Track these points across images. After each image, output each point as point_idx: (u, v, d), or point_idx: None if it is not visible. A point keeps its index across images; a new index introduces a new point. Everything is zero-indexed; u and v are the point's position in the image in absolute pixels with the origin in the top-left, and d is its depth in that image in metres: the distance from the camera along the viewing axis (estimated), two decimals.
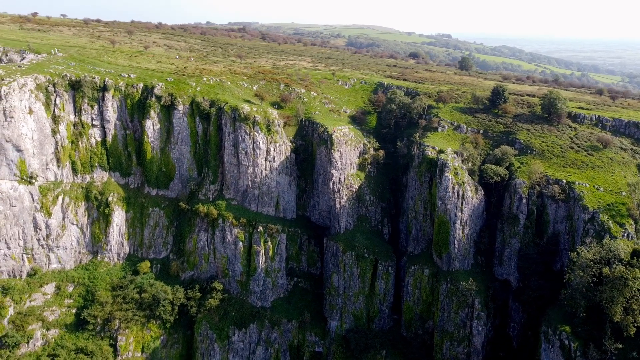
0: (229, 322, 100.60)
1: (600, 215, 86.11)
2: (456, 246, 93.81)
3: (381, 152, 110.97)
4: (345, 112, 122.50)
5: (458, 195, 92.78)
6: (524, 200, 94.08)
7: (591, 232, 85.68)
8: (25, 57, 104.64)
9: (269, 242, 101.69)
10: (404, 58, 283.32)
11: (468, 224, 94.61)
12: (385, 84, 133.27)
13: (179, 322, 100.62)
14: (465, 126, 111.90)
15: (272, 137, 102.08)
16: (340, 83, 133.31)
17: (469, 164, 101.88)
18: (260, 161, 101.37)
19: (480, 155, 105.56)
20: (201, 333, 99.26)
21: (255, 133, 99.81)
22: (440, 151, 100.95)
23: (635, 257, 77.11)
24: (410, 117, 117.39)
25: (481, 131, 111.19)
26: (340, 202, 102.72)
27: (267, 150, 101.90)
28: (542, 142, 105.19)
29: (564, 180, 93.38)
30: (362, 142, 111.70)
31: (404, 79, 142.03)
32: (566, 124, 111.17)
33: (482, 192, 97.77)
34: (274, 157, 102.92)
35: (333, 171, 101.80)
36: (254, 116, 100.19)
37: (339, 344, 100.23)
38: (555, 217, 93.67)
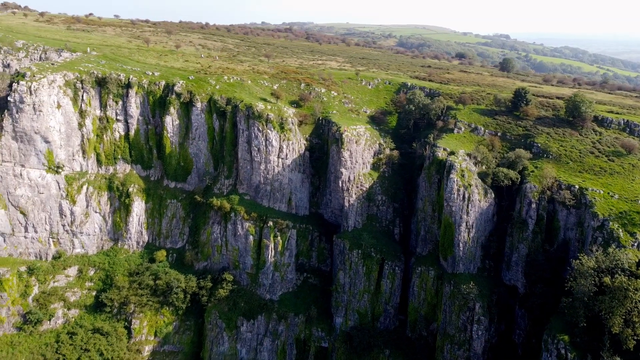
0: (237, 313, 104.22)
1: (610, 223, 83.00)
2: (461, 249, 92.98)
3: (395, 153, 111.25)
4: (365, 112, 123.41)
5: (464, 197, 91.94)
6: (533, 205, 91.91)
7: (599, 240, 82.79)
8: (61, 56, 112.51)
9: (279, 237, 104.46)
10: (448, 59, 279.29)
11: (474, 227, 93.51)
12: (409, 84, 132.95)
13: (191, 310, 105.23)
14: (482, 128, 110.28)
15: (285, 135, 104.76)
16: (363, 83, 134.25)
17: (483, 167, 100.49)
18: (272, 158, 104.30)
19: (496, 158, 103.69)
20: (211, 321, 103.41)
21: (268, 130, 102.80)
22: (452, 153, 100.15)
23: None
24: (429, 118, 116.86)
25: (499, 134, 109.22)
26: (349, 201, 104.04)
27: (279, 148, 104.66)
28: (561, 146, 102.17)
29: (577, 186, 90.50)
30: (377, 142, 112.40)
31: (430, 80, 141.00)
32: (591, 128, 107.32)
33: (493, 196, 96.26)
34: (287, 155, 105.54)
35: (342, 170, 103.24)
36: (267, 114, 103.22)
37: (343, 341, 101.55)
38: (566, 224, 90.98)
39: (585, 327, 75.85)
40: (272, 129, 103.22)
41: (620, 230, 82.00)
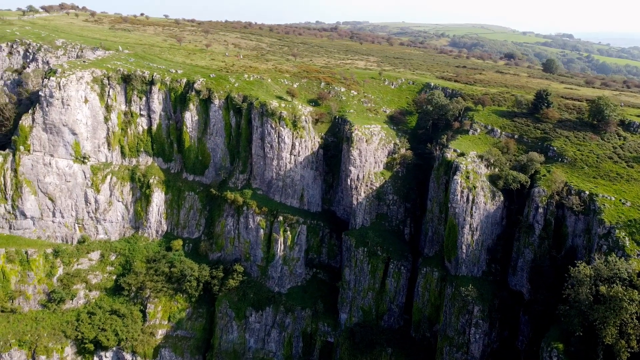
0: (247, 303, 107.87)
1: (617, 231, 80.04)
2: (464, 251, 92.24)
3: (409, 153, 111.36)
4: (385, 111, 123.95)
5: (467, 199, 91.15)
6: (540, 210, 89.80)
7: (604, 249, 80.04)
8: (95, 54, 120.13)
9: (288, 232, 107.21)
10: (495, 59, 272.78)
11: (479, 230, 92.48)
12: (432, 84, 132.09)
13: (204, 298, 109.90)
14: (499, 130, 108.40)
15: (297, 133, 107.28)
16: (386, 83, 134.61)
17: (496, 169, 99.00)
18: (284, 154, 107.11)
19: (510, 161, 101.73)
20: (221, 310, 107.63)
21: (281, 128, 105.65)
22: (461, 154, 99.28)
23: None
24: (446, 118, 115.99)
25: (516, 136, 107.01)
26: (357, 199, 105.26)
27: (292, 145, 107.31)
28: (578, 150, 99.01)
29: (587, 192, 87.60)
30: (392, 141, 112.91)
31: (455, 80, 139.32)
32: (615, 132, 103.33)
33: (501, 199, 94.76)
34: (299, 152, 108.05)
35: (351, 168, 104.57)
36: (281, 112, 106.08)
37: (347, 337, 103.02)
38: (574, 230, 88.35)
39: (581, 337, 73.84)
40: (285, 126, 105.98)
41: (627, 238, 79.00)
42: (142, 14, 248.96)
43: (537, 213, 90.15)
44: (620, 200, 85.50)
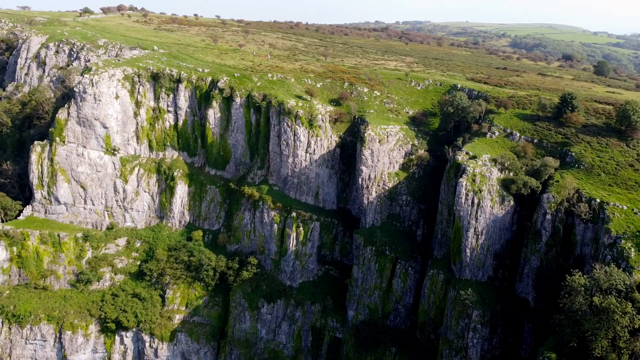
0: (259, 295, 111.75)
1: (623, 241, 77.03)
2: (468, 254, 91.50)
3: (425, 154, 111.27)
4: (408, 112, 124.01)
5: (473, 202, 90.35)
6: (548, 216, 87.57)
7: (608, 259, 77.29)
8: (132, 53, 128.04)
9: (301, 228, 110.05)
10: (550, 60, 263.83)
11: (484, 234, 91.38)
12: (459, 86, 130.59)
13: (220, 287, 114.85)
14: (518, 134, 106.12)
15: (313, 131, 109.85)
16: (412, 84, 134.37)
17: (510, 174, 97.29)
18: (300, 152, 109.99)
19: (526, 165, 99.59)
20: (235, 300, 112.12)
21: (297, 126, 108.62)
22: (473, 157, 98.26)
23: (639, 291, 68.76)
24: (467, 121, 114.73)
25: (535, 140, 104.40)
26: (368, 198, 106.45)
27: (307, 143, 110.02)
28: (597, 156, 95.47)
29: (598, 200, 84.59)
30: (410, 142, 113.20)
31: (485, 82, 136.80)
32: None
33: (511, 204, 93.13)
34: (314, 150, 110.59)
35: (362, 167, 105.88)
36: (297, 111, 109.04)
37: (353, 333, 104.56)
38: (582, 239, 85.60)
39: (575, 348, 72.01)
40: (301, 124, 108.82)
41: (633, 249, 75.92)
42: (195, 15, 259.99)
43: (544, 219, 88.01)
44: (632, 209, 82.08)
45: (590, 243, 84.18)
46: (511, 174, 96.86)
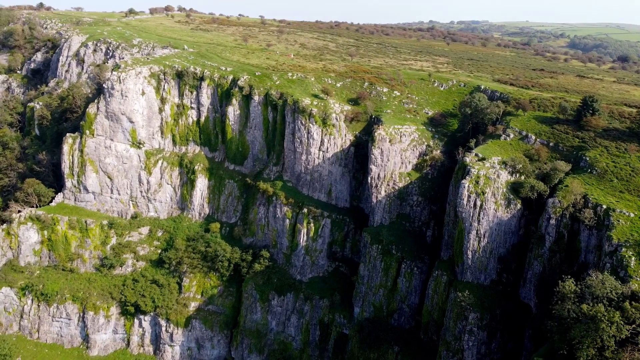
0: (270, 287, 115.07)
1: (624, 249, 74.59)
2: (469, 257, 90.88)
3: (439, 155, 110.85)
4: (427, 113, 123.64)
5: (475, 204, 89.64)
6: (552, 221, 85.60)
7: (607, 267, 75.08)
8: (162, 52, 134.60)
9: (312, 224, 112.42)
10: (601, 62, 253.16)
11: (487, 237, 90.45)
12: (483, 87, 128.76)
13: (234, 278, 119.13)
14: (534, 137, 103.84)
15: (327, 130, 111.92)
16: (435, 84, 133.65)
17: (522, 177, 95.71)
18: (313, 150, 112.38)
19: (539, 169, 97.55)
20: (247, 291, 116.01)
21: (310, 124, 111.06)
22: (482, 159, 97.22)
23: (631, 301, 66.70)
24: (484, 122, 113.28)
25: (551, 144, 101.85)
26: (377, 197, 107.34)
27: (320, 141, 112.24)
28: (612, 161, 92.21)
29: (604, 206, 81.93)
30: (425, 143, 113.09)
31: (512, 84, 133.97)
32: None
33: (518, 207, 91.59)
34: (327, 148, 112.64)
35: (372, 166, 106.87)
36: (311, 109, 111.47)
37: (357, 330, 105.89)
38: (587, 245, 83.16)
39: (565, 355, 70.64)
40: (314, 123, 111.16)
41: (634, 258, 73.48)
42: (239, 14, 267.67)
43: (548, 224, 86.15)
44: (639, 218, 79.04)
45: (594, 250, 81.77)
46: (522, 177, 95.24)
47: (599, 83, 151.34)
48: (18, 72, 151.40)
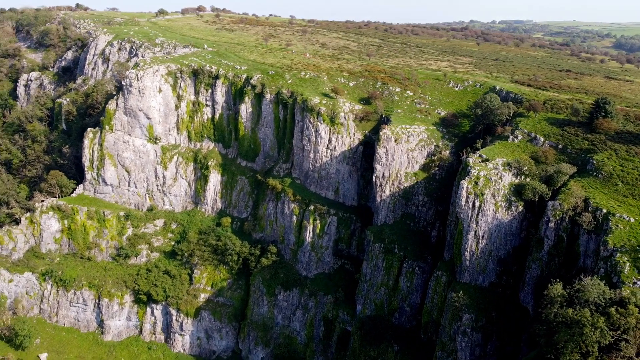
0: (277, 282, 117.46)
1: (619, 254, 72.96)
2: (467, 258, 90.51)
3: (446, 155, 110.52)
4: (440, 113, 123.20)
5: (473, 205, 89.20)
6: (551, 224, 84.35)
7: (601, 271, 73.67)
8: (182, 50, 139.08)
9: (318, 221, 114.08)
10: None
11: (485, 238, 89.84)
12: (498, 88, 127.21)
13: (243, 272, 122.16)
14: (542, 139, 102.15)
15: (335, 128, 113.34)
16: (451, 84, 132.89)
17: (527, 179, 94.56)
18: (320, 148, 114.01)
19: (545, 171, 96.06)
20: (254, 285, 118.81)
21: (318, 123, 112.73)
22: (486, 160, 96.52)
23: (618, 307, 65.43)
24: (494, 123, 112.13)
25: (560, 146, 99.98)
26: (381, 196, 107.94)
27: (328, 139, 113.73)
28: (620, 165, 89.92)
29: (604, 210, 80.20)
30: (434, 143, 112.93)
31: (529, 85, 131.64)
32: None
33: (520, 209, 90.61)
34: (335, 147, 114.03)
35: (376, 165, 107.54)
36: (319, 108, 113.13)
37: (358, 327, 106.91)
38: (586, 250, 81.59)
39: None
40: (322, 121, 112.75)
41: (628, 264, 71.87)
42: (270, 14, 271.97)
43: (547, 227, 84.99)
44: None
45: (592, 255, 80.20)
46: (528, 179, 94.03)
47: (627, 85, 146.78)
48: (50, 69, 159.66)
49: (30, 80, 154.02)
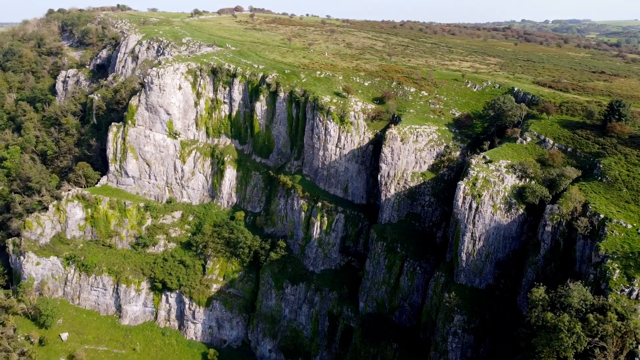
0: (285, 276, 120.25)
1: (610, 260, 71.16)
2: (463, 259, 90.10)
3: (454, 156, 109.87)
4: (454, 114, 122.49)
5: (470, 206, 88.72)
6: (548, 228, 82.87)
7: (591, 277, 72.07)
8: (207, 49, 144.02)
9: (325, 218, 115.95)
10: None
11: (482, 240, 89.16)
12: (516, 89, 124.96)
13: (254, 265, 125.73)
14: (551, 141, 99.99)
15: (344, 127, 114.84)
16: (469, 85, 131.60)
17: (532, 182, 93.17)
18: (330, 146, 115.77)
19: (551, 174, 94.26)
20: (264, 278, 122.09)
21: (328, 121, 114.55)
22: (489, 161, 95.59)
23: (597, 313, 64.25)
24: (505, 125, 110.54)
25: (569, 149, 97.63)
26: (386, 195, 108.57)
27: (337, 138, 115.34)
28: (627, 170, 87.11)
29: (602, 215, 78.14)
30: (444, 144, 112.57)
31: (550, 87, 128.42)
32: None
33: (520, 212, 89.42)
34: (344, 145, 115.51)
35: (382, 164, 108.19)
36: (329, 107, 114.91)
37: (360, 324, 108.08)
38: (582, 256, 79.75)
39: None
40: (332, 120, 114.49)
41: (618, 271, 70.05)
42: (306, 14, 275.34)
43: (544, 231, 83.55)
44: (638, 230, 74.74)
45: (587, 261, 78.27)
46: (532, 182, 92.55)
47: None
48: (87, 67, 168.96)
49: (68, 77, 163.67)
